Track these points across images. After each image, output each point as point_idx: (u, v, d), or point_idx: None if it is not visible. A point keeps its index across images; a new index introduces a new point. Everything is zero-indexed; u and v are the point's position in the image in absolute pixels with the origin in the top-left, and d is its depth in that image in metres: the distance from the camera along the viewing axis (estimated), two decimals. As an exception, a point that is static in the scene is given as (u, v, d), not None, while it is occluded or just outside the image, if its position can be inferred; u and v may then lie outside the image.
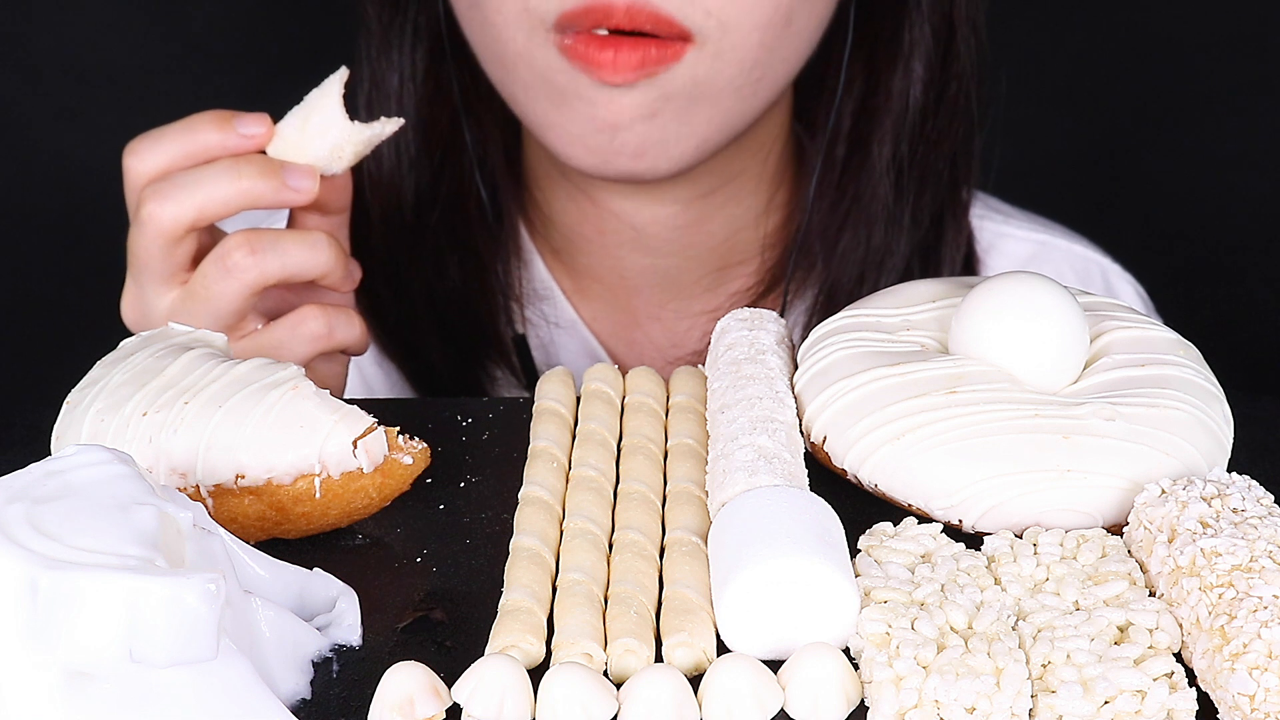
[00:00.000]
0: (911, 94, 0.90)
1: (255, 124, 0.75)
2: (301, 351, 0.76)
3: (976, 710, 0.48)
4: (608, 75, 0.80)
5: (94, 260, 1.33)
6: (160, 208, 0.73)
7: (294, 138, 0.75)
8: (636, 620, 0.53)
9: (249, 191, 0.74)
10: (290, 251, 0.75)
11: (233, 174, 0.73)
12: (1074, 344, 0.62)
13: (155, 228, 0.74)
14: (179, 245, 0.74)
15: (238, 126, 0.75)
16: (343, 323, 0.77)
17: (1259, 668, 0.48)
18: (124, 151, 0.76)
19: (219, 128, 0.75)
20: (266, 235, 0.75)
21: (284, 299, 0.79)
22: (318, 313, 0.76)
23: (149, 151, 0.75)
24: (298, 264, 0.75)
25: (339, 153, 0.76)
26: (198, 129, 0.75)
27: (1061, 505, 0.58)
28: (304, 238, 0.75)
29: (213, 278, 0.74)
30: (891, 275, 0.91)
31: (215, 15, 1.31)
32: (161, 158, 0.75)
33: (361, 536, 0.61)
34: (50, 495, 0.49)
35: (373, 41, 0.92)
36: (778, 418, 0.61)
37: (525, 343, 0.93)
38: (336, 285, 0.78)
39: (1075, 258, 1.00)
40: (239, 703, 0.47)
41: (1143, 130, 1.35)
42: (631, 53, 0.80)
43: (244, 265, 0.74)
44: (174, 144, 0.75)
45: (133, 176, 0.76)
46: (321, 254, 0.75)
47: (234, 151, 0.75)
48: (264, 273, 0.74)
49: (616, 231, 0.94)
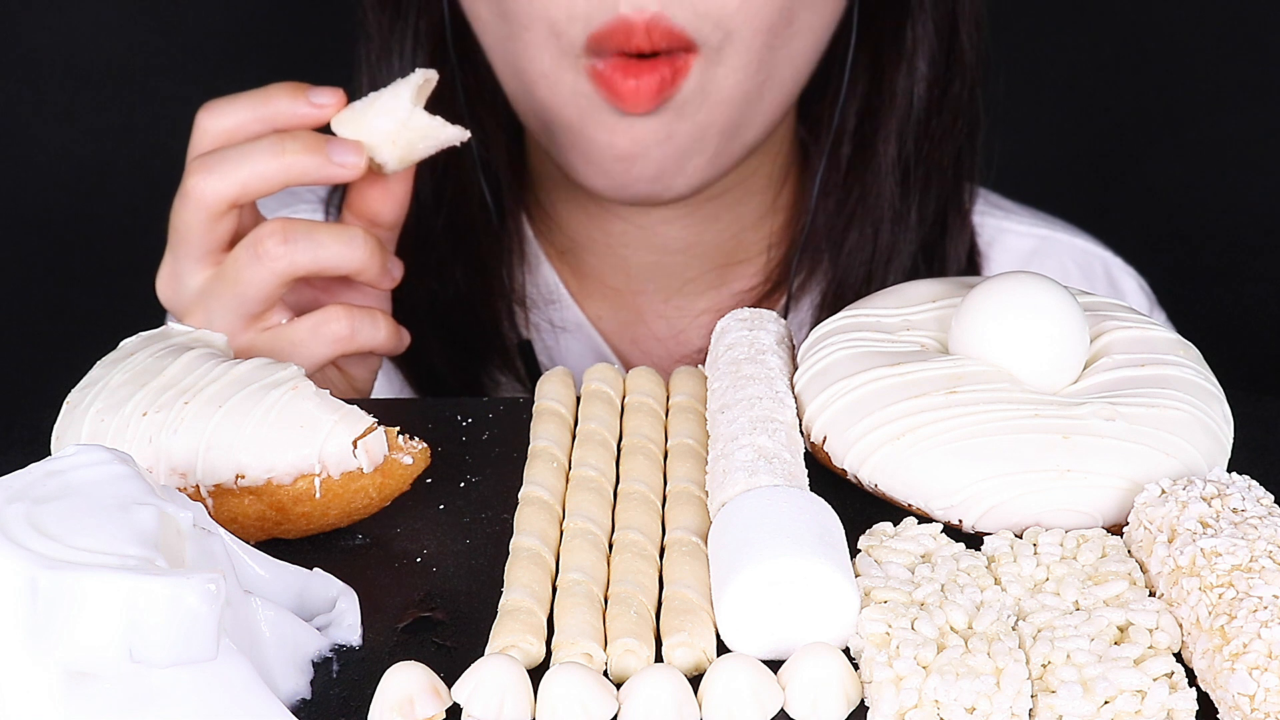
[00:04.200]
0: (915, 92, 0.91)
1: (327, 95, 0.75)
2: (321, 353, 0.75)
3: (976, 710, 0.48)
4: (629, 106, 0.81)
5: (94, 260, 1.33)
6: (204, 181, 0.73)
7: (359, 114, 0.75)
8: (636, 620, 0.53)
9: (293, 167, 0.73)
10: (324, 243, 0.74)
11: (277, 150, 0.73)
12: (1074, 344, 0.62)
13: (198, 200, 0.73)
14: (220, 221, 0.74)
15: (311, 97, 0.75)
16: (367, 326, 0.76)
17: (1259, 668, 0.48)
18: (199, 111, 0.76)
19: (293, 97, 0.75)
20: (301, 225, 0.74)
21: (315, 297, 0.79)
22: (342, 314, 0.75)
23: (222, 111, 0.75)
24: (331, 257, 0.74)
25: (397, 138, 0.75)
26: (271, 95, 0.75)
27: (1061, 505, 0.58)
28: (340, 231, 0.75)
29: (243, 262, 0.73)
30: (898, 272, 0.91)
31: (215, 17, 1.31)
32: (233, 119, 0.75)
33: (361, 536, 0.61)
34: (50, 495, 0.49)
35: (373, 47, 0.92)
36: (778, 418, 0.61)
37: (530, 348, 0.93)
38: (373, 282, 0.77)
39: (1078, 252, 1.00)
40: (239, 703, 0.47)
41: (1143, 130, 1.35)
42: (651, 78, 0.81)
43: (275, 253, 0.73)
44: (247, 108, 0.75)
45: (199, 134, 0.76)
46: (357, 249, 0.75)
47: (304, 121, 0.75)
48: (295, 263, 0.73)
49: (622, 232, 0.94)
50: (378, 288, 0.78)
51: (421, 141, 0.75)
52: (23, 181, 1.31)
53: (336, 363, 0.79)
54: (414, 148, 0.76)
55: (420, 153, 0.76)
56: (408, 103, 0.75)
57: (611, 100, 0.81)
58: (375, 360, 0.81)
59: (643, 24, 0.79)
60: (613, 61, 0.81)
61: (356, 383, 0.80)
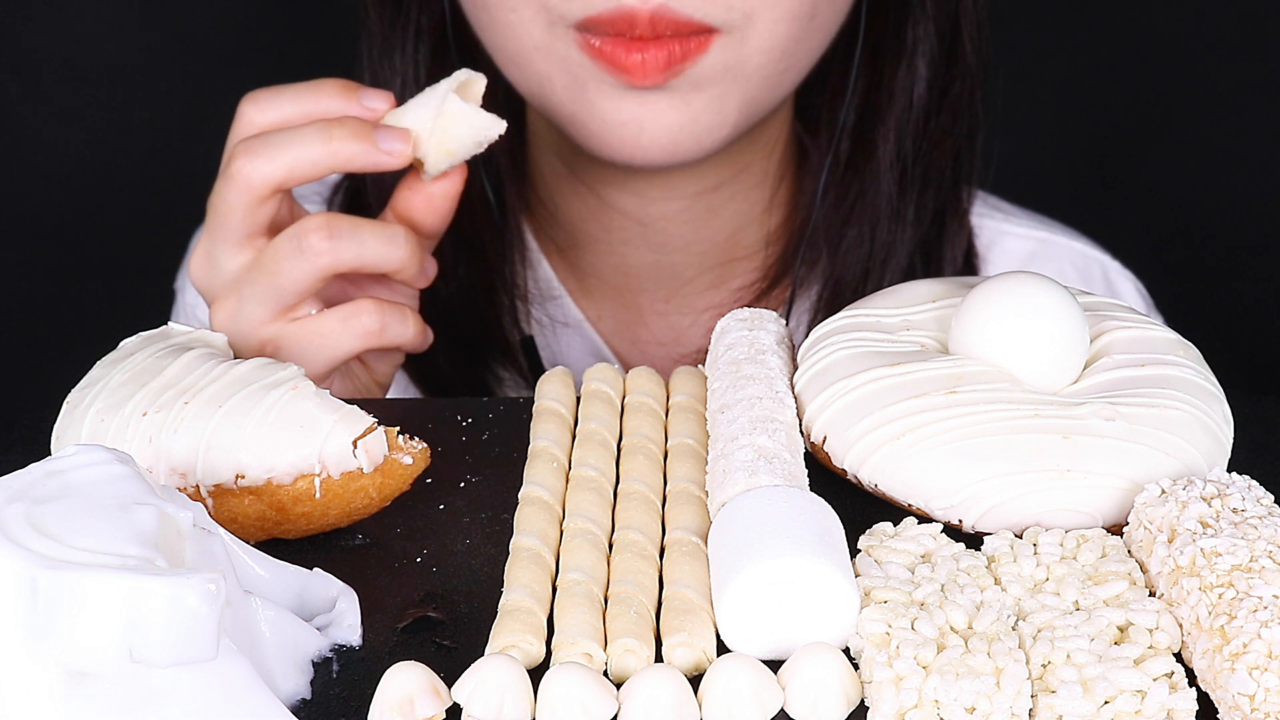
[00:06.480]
0: (915, 91, 0.91)
1: (379, 99, 0.75)
2: (349, 346, 0.75)
3: (976, 710, 0.48)
4: (636, 80, 0.80)
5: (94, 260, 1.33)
6: (250, 164, 0.72)
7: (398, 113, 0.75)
8: (636, 620, 0.53)
9: (339, 153, 0.73)
10: (368, 242, 0.74)
11: (324, 135, 0.72)
12: (1074, 344, 0.62)
13: (244, 183, 0.73)
14: (262, 206, 0.74)
15: (362, 99, 0.75)
16: (396, 321, 0.76)
17: (1259, 668, 0.48)
18: (242, 99, 0.75)
19: (343, 96, 0.75)
20: (346, 222, 0.74)
21: (343, 289, 0.78)
22: (372, 308, 0.75)
23: (268, 103, 0.75)
24: (374, 255, 0.74)
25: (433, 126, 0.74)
26: (321, 93, 0.74)
27: (1061, 505, 0.58)
28: (383, 230, 0.75)
29: (285, 254, 0.73)
30: (895, 271, 0.91)
31: (215, 16, 1.31)
32: (278, 113, 0.74)
33: (361, 536, 0.61)
34: (50, 495, 0.49)
35: (374, 43, 0.92)
36: (778, 418, 0.61)
37: (533, 344, 0.93)
38: (410, 281, 0.77)
39: (1076, 255, 1.00)
40: (239, 703, 0.47)
41: (1143, 130, 1.35)
42: (658, 53, 0.79)
43: (320, 249, 0.73)
44: (294, 102, 0.74)
45: (242, 124, 0.75)
46: (399, 249, 0.75)
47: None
48: (338, 259, 0.73)
49: (622, 228, 0.94)
50: (413, 286, 0.78)
51: (455, 128, 0.75)
52: (23, 181, 1.31)
53: (361, 356, 0.79)
54: (449, 135, 0.75)
55: (459, 145, 0.75)
56: (443, 89, 0.75)
57: (614, 74, 0.80)
58: (399, 355, 0.81)
59: (647, 14, 0.78)
60: (611, 39, 0.79)
61: (378, 376, 0.81)
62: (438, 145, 0.75)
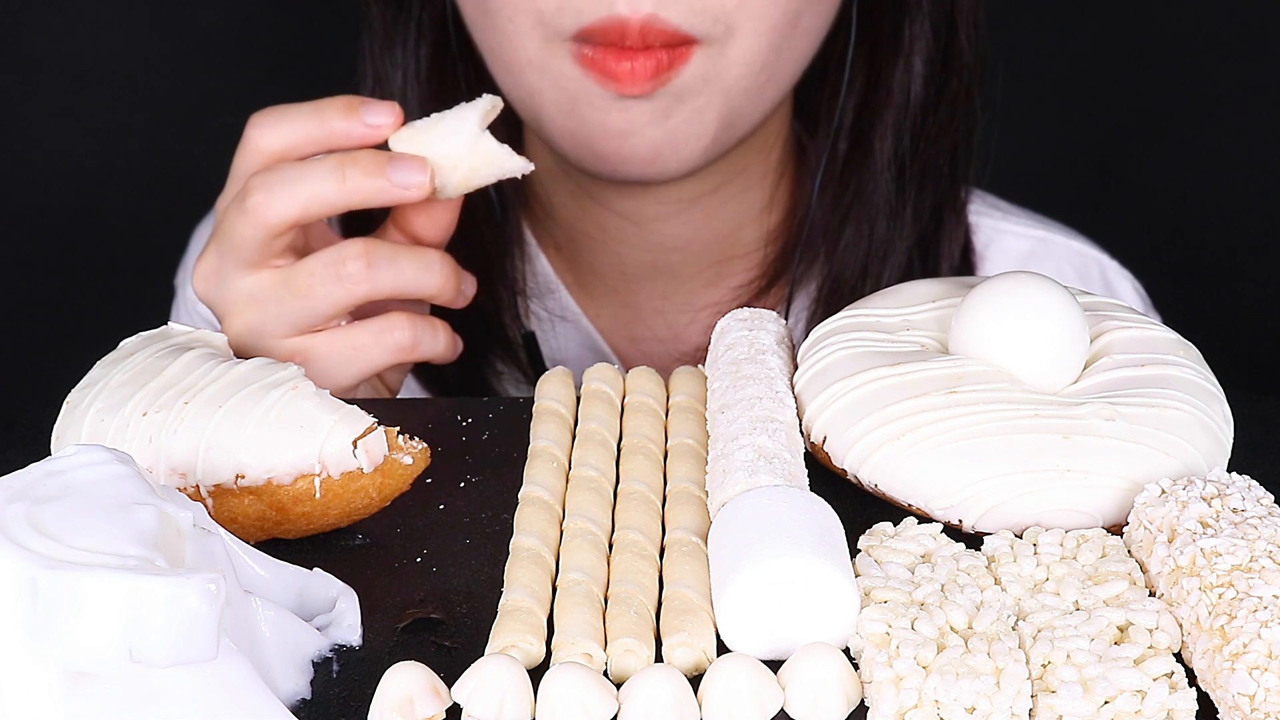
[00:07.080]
0: (912, 89, 0.91)
1: (383, 114, 0.74)
2: (381, 360, 0.75)
3: (976, 710, 0.48)
4: (625, 88, 0.80)
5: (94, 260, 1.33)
6: (266, 201, 0.72)
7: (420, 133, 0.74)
8: (636, 620, 0.53)
9: (355, 191, 0.72)
10: (405, 270, 0.74)
11: (338, 174, 0.72)
12: (1074, 344, 0.62)
13: (260, 219, 0.72)
14: (278, 239, 0.73)
15: (364, 115, 0.74)
16: (428, 335, 0.76)
17: (1259, 668, 0.48)
18: (248, 121, 0.75)
19: (345, 115, 0.74)
20: (384, 250, 0.73)
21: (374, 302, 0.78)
22: (406, 323, 0.75)
23: (273, 126, 0.74)
24: (411, 282, 0.74)
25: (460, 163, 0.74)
26: (325, 113, 0.74)
27: (1061, 505, 0.58)
28: (420, 257, 0.74)
29: (321, 279, 0.73)
30: (894, 269, 0.91)
31: (215, 15, 1.31)
32: (283, 137, 0.74)
33: (361, 536, 0.61)
34: (50, 495, 0.49)
35: (375, 40, 0.92)
36: (778, 418, 0.61)
37: (534, 340, 0.93)
38: (448, 304, 0.77)
39: (1074, 254, 1.00)
40: (239, 703, 0.47)
41: (1143, 130, 1.35)
42: (646, 62, 0.80)
43: (358, 277, 0.73)
44: (299, 124, 0.74)
45: (249, 149, 0.75)
46: (435, 276, 0.75)
47: (358, 142, 0.74)
48: (375, 288, 0.73)
49: (619, 228, 0.94)
50: (452, 308, 0.78)
51: (485, 168, 0.74)
52: (23, 181, 1.31)
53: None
54: (476, 173, 0.74)
55: (481, 180, 0.75)
56: (475, 127, 0.74)
57: (604, 83, 0.81)
58: (409, 365, 0.81)
59: (638, 23, 0.79)
60: (603, 49, 0.80)
61: (390, 384, 0.81)
62: (460, 182, 0.75)
